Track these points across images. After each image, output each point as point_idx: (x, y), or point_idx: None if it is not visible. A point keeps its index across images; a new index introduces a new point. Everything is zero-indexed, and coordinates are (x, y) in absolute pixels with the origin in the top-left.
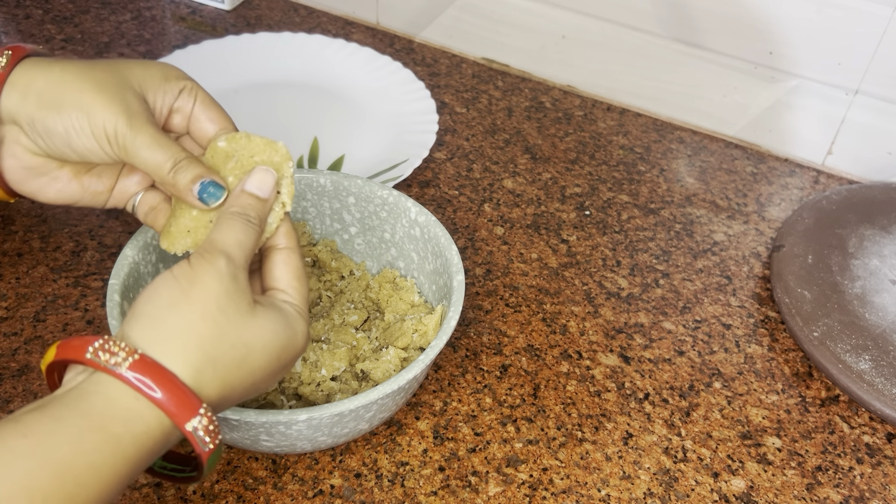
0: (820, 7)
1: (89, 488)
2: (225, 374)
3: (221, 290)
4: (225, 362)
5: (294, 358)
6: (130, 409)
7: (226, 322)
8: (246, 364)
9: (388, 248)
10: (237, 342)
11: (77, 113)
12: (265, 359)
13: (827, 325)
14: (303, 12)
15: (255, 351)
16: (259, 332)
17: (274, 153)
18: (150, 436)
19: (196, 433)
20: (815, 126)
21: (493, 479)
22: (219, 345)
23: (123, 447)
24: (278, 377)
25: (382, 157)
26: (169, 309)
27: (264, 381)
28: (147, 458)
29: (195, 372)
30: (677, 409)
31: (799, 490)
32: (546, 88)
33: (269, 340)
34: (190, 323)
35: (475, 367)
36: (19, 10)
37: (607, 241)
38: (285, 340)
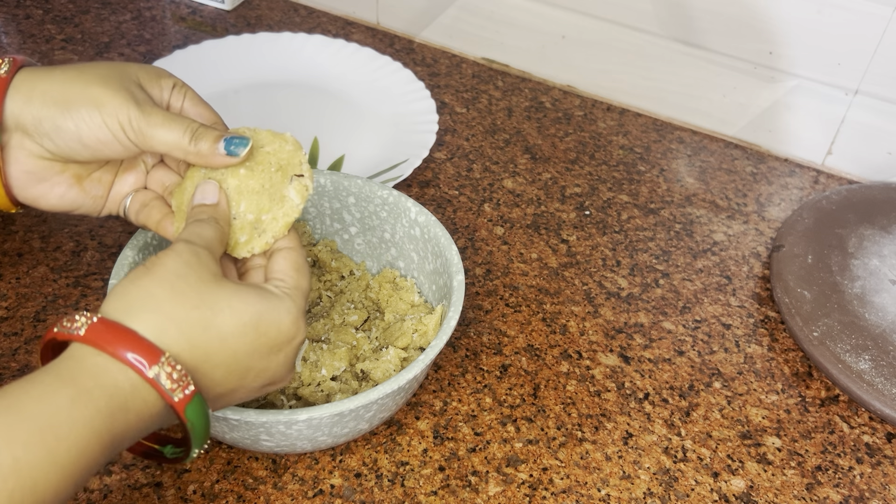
0: (820, 7)
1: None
2: (191, 334)
3: (180, 261)
4: (189, 324)
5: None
6: (96, 365)
7: (185, 286)
8: (214, 328)
9: (388, 248)
10: (199, 304)
11: (87, 107)
12: (236, 326)
13: (827, 324)
14: (303, 12)
15: (223, 315)
16: (227, 298)
17: (284, 143)
18: (121, 389)
19: (159, 380)
20: (814, 126)
21: (493, 478)
22: (179, 307)
23: (95, 400)
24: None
25: (382, 157)
26: (130, 284)
27: (249, 355)
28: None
29: (156, 330)
30: (677, 409)
31: (799, 490)
32: (546, 88)
33: (237, 307)
34: (147, 290)
35: (475, 367)
36: (19, 10)
37: (607, 241)
38: (261, 310)
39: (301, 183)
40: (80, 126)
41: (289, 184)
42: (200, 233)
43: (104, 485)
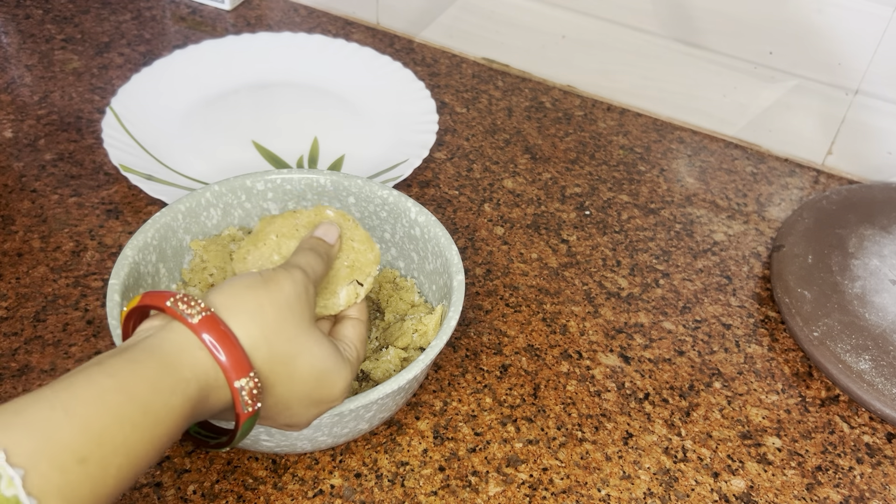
0: (820, 7)
1: (164, 425)
2: (273, 363)
3: (293, 292)
4: (278, 351)
5: (330, 394)
6: (196, 358)
7: (290, 317)
8: (291, 365)
9: (388, 248)
10: (293, 339)
11: None
12: (307, 372)
13: (827, 325)
14: (303, 12)
15: (303, 357)
16: (312, 344)
17: (369, 251)
18: (209, 384)
19: (241, 392)
20: (815, 126)
21: (493, 478)
22: (278, 333)
23: (190, 392)
24: (309, 409)
25: (382, 157)
26: (246, 289)
27: (298, 400)
28: (201, 407)
29: (251, 345)
30: (677, 409)
31: (799, 490)
32: (546, 88)
33: (317, 356)
34: (260, 305)
35: (475, 367)
36: (19, 10)
37: (607, 241)
38: (330, 368)
39: (355, 291)
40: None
41: (346, 284)
42: (315, 267)
43: None
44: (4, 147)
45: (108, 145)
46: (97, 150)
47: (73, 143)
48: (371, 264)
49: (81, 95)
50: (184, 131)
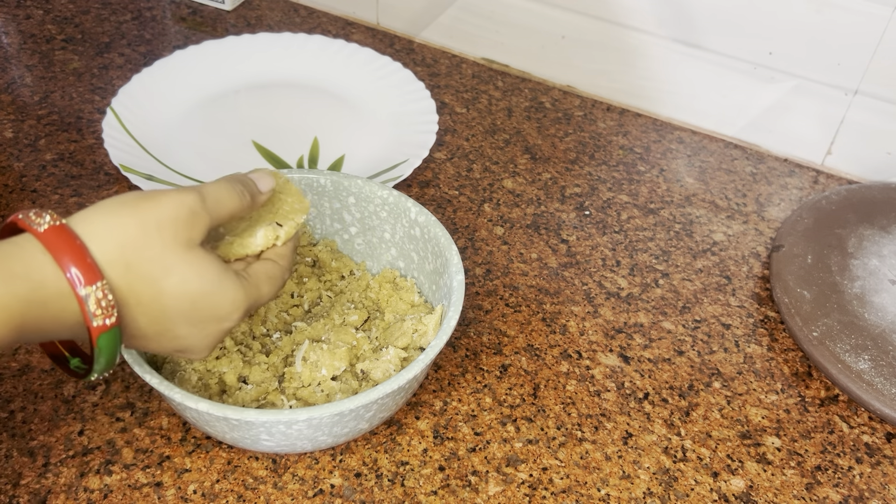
0: (820, 7)
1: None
2: (133, 281)
3: (170, 213)
4: (138, 272)
5: (214, 317)
6: (34, 259)
7: (157, 239)
8: (157, 285)
9: (388, 248)
10: (157, 259)
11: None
12: (178, 292)
13: (826, 324)
14: (303, 13)
15: (172, 278)
16: (184, 265)
17: (297, 202)
18: (46, 287)
19: (87, 301)
20: (814, 126)
21: (492, 478)
22: (139, 252)
23: (15, 284)
24: (196, 330)
25: (382, 157)
26: (113, 207)
27: (177, 320)
28: (39, 310)
29: (105, 260)
30: (677, 409)
31: (798, 490)
32: (546, 88)
33: (190, 276)
34: (123, 223)
35: (475, 366)
36: (20, 10)
37: (607, 241)
38: (208, 289)
39: (274, 232)
40: None
41: (265, 226)
42: (222, 198)
43: (104, 484)
44: (5, 147)
45: (109, 145)
46: (98, 150)
47: (74, 143)
48: (297, 212)
49: (82, 96)
50: (184, 131)
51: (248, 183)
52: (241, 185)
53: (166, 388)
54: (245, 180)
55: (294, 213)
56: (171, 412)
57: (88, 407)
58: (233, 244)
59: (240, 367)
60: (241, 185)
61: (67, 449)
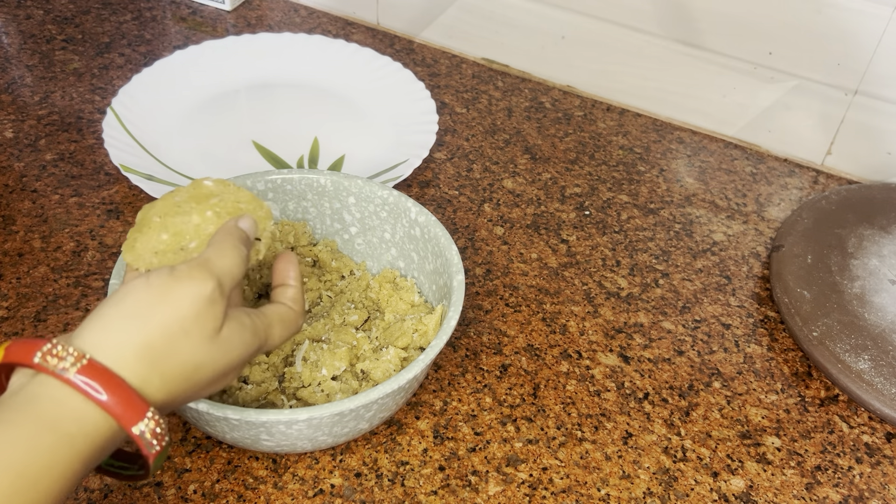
0: (820, 7)
1: (47, 487)
2: (171, 386)
3: (192, 312)
4: (172, 376)
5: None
6: (80, 410)
7: (185, 343)
8: (193, 379)
9: (388, 248)
10: (189, 361)
11: None
12: (210, 375)
13: (826, 324)
14: (303, 13)
15: (205, 369)
16: (214, 355)
17: (259, 208)
18: (101, 434)
19: (143, 436)
20: (814, 126)
21: (492, 478)
22: (170, 362)
23: (77, 446)
24: (214, 386)
25: (382, 158)
26: (132, 320)
27: (209, 387)
28: (99, 454)
29: (141, 382)
30: (677, 409)
31: (798, 489)
32: (546, 88)
33: (219, 360)
34: (148, 341)
35: (475, 366)
36: (20, 10)
37: (607, 241)
38: (235, 359)
39: (255, 248)
40: None
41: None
42: (233, 271)
43: (104, 484)
44: (5, 147)
45: (109, 145)
46: (98, 150)
47: (74, 143)
48: (264, 220)
49: (82, 96)
50: (184, 131)
51: (246, 240)
52: (244, 246)
53: None
54: (243, 237)
55: (261, 222)
56: (171, 412)
57: None
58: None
59: None
60: (244, 248)
61: None
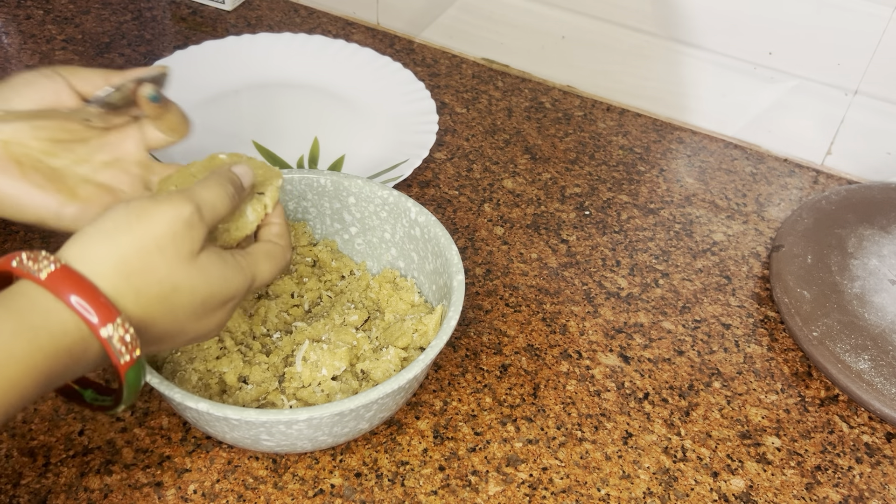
0: (819, 7)
1: (3, 375)
2: (147, 305)
3: (168, 231)
4: (148, 295)
5: (221, 304)
6: (49, 309)
7: (160, 261)
8: (168, 301)
9: (388, 248)
10: (165, 280)
11: (26, 70)
12: (189, 300)
13: (826, 324)
14: (303, 13)
15: (183, 291)
16: (191, 276)
17: (269, 171)
18: (68, 334)
19: (111, 341)
20: (814, 126)
21: (492, 478)
22: (145, 278)
23: (40, 339)
24: (207, 320)
25: (382, 157)
26: (110, 233)
27: (189, 322)
28: (66, 358)
29: (115, 293)
30: (677, 409)
31: (798, 489)
32: (546, 89)
33: (198, 285)
34: (123, 254)
35: (475, 366)
36: (20, 10)
37: (607, 241)
38: (215, 288)
39: (260, 202)
40: (11, 79)
41: (250, 201)
42: (216, 205)
43: (104, 484)
44: None
45: None
46: None
47: None
48: (272, 178)
49: None
50: None
51: (236, 181)
52: (231, 185)
53: (166, 388)
54: (233, 179)
55: (268, 180)
56: (171, 412)
57: None
58: (229, 231)
59: (240, 367)
60: (231, 187)
61: (68, 449)
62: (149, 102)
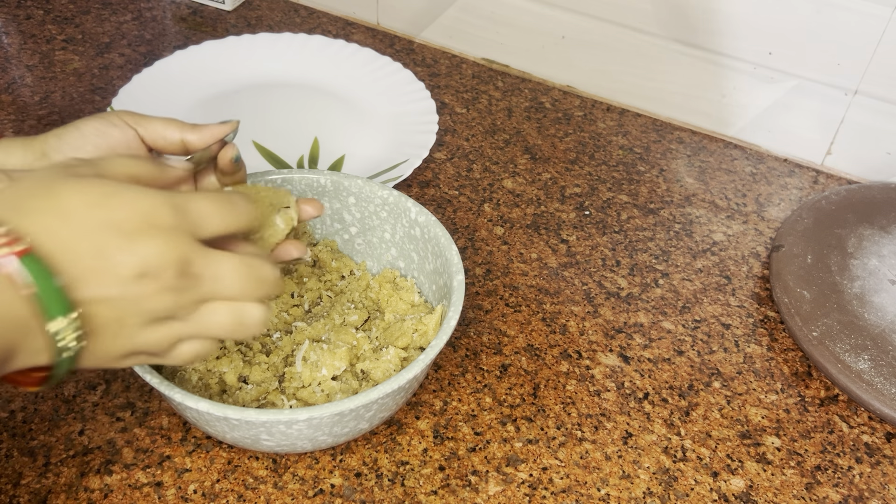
0: (819, 7)
1: None
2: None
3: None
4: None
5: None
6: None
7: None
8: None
9: (388, 248)
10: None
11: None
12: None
13: (826, 324)
14: (303, 13)
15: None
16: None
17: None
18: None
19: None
20: (814, 126)
21: (492, 478)
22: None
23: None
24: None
25: (382, 158)
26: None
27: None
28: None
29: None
30: (677, 409)
31: (798, 489)
32: (546, 89)
33: (86, 186)
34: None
35: (475, 366)
36: (20, 10)
37: (607, 241)
38: (109, 189)
39: (287, 214)
40: (80, 125)
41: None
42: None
43: (104, 484)
44: None
45: None
46: None
47: None
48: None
49: (82, 96)
50: None
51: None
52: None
53: (166, 387)
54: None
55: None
56: (171, 412)
57: (89, 407)
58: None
59: (240, 367)
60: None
61: (68, 448)
62: (231, 163)
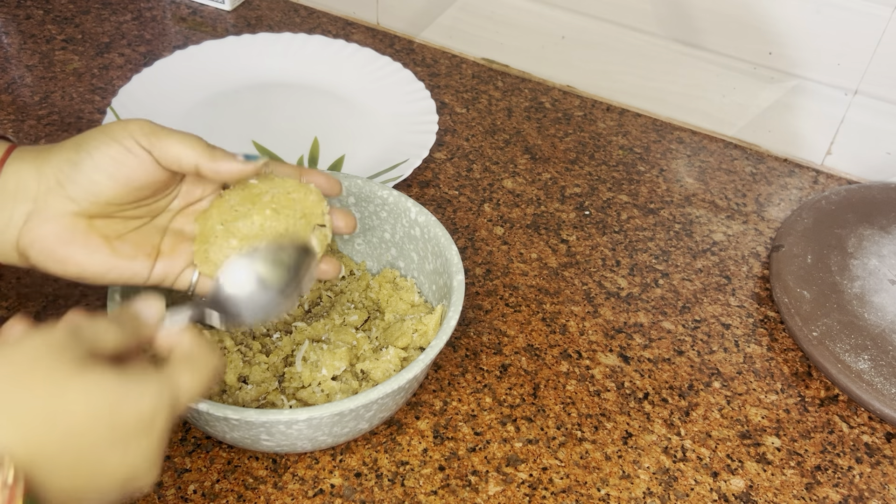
0: (819, 7)
1: None
2: (32, 430)
3: (43, 344)
4: (31, 416)
5: (139, 425)
6: None
7: (34, 376)
8: (61, 421)
9: (388, 248)
10: (45, 393)
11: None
12: (87, 416)
13: (826, 324)
14: (303, 13)
15: (74, 404)
16: (80, 382)
17: (308, 192)
18: None
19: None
20: (814, 126)
21: (492, 478)
22: (21, 398)
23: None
24: (127, 449)
25: (382, 157)
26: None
27: (101, 449)
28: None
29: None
30: (677, 409)
31: (798, 489)
32: (546, 89)
33: (93, 394)
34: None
35: (475, 366)
36: (20, 10)
37: (607, 241)
38: (113, 397)
39: (322, 233)
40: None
41: (311, 232)
42: (99, 332)
43: None
44: None
45: None
46: None
47: None
48: (318, 204)
49: (82, 96)
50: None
51: (131, 321)
52: (121, 325)
53: None
54: (129, 318)
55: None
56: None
57: None
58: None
59: (240, 367)
60: (120, 326)
61: None
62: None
